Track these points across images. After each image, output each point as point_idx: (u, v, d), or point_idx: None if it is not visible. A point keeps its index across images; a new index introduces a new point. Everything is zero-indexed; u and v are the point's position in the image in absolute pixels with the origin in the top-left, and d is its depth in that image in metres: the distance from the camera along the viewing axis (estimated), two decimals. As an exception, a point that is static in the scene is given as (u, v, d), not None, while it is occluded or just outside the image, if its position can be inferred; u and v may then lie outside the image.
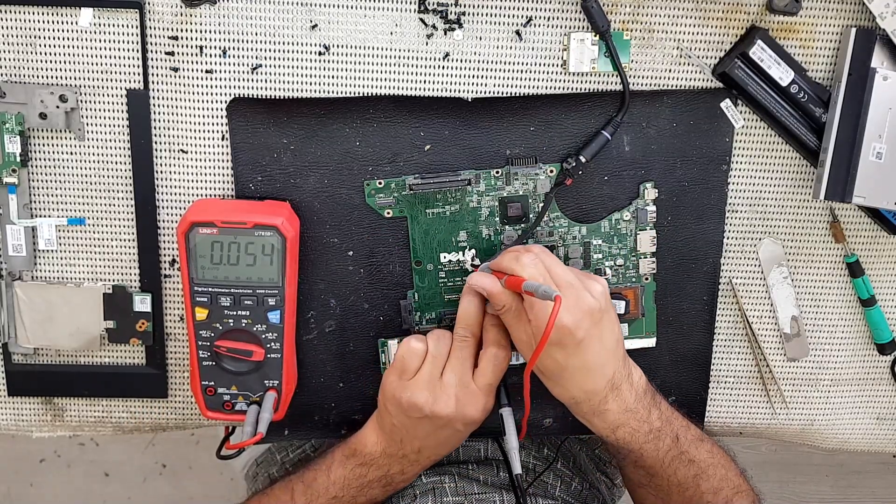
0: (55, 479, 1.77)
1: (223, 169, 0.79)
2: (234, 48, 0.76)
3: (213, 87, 0.77)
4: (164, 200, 0.79)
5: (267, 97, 0.77)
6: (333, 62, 0.76)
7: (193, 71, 0.76)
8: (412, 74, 0.77)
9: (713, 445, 0.81)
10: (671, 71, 0.78)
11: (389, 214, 0.79)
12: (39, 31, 0.75)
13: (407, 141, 0.78)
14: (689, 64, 0.78)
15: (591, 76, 0.78)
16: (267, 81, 0.77)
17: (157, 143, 0.78)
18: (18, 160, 0.77)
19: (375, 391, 0.80)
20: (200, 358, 0.78)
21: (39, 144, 0.78)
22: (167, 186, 0.79)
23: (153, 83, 0.76)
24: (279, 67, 0.76)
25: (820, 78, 0.78)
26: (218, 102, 0.77)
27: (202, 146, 0.78)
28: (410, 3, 0.75)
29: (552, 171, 0.79)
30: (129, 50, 0.75)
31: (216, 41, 0.75)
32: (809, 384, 0.87)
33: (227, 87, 0.77)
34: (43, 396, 0.85)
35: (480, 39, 0.76)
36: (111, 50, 0.75)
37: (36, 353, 0.84)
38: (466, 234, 0.80)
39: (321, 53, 0.76)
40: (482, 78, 0.77)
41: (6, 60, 0.76)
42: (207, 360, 0.78)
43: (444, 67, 0.77)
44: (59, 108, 0.76)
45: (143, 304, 0.81)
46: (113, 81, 0.76)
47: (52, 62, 0.76)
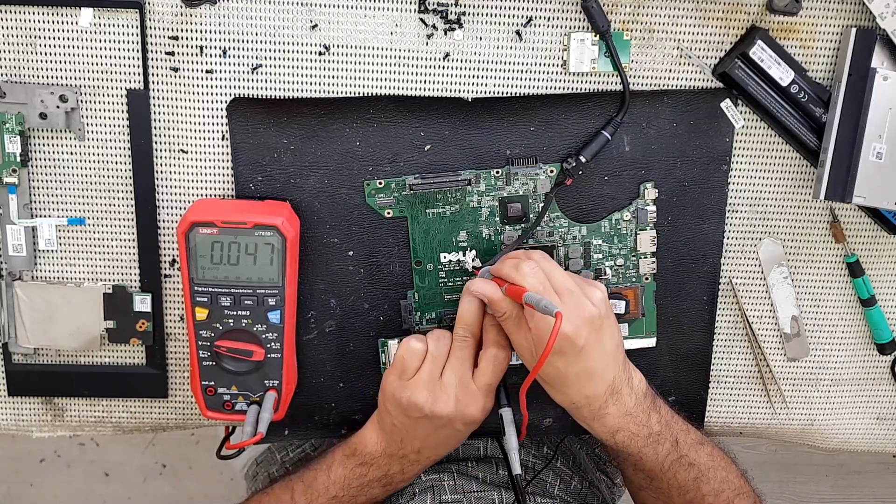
0: (55, 479, 1.77)
1: (223, 169, 0.79)
2: (234, 48, 0.76)
3: (213, 87, 0.77)
4: (164, 200, 0.79)
5: (267, 97, 0.77)
6: (333, 62, 0.76)
7: (193, 71, 0.76)
8: (412, 74, 0.77)
9: (713, 448, 0.81)
10: (671, 71, 0.78)
11: (389, 214, 0.79)
12: (39, 31, 0.75)
13: (407, 141, 0.78)
14: (689, 64, 0.78)
15: (591, 76, 0.78)
16: (267, 81, 0.77)
17: (157, 143, 0.78)
18: (18, 160, 0.77)
19: (375, 391, 0.80)
20: (200, 358, 0.78)
21: (39, 144, 0.78)
22: (167, 186, 0.79)
23: (153, 83, 0.76)
24: (279, 67, 0.76)
25: (820, 78, 0.78)
26: (218, 102, 0.77)
27: (202, 146, 0.78)
28: (410, 3, 0.75)
29: (552, 171, 0.79)
30: (129, 50, 0.75)
31: (216, 41, 0.75)
32: (809, 384, 0.87)
33: (227, 87, 0.77)
34: (43, 396, 0.85)
35: (480, 39, 0.76)
36: (111, 50, 0.75)
37: (36, 353, 0.84)
38: (466, 234, 0.80)
39: (321, 53, 0.76)
40: (482, 78, 0.77)
41: (6, 60, 0.76)
42: (207, 360, 0.78)
43: (444, 67, 0.77)
44: (59, 108, 0.76)
45: (143, 304, 0.81)
46: (113, 81, 0.76)
47: (52, 62, 0.76)
